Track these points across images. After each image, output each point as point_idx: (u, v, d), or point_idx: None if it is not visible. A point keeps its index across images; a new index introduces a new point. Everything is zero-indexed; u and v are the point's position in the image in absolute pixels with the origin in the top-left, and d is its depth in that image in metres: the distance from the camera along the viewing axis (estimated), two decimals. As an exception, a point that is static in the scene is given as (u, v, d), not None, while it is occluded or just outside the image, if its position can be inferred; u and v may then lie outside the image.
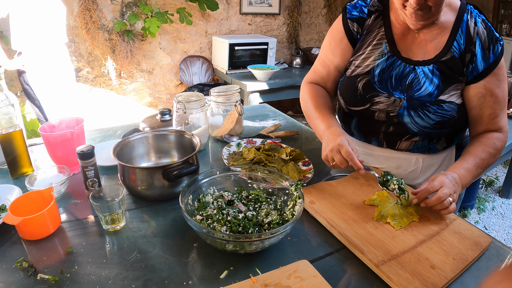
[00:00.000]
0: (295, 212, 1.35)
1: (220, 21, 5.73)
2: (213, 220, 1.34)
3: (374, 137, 1.85)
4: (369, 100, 1.75)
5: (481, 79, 1.64)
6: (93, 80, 5.10)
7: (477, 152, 1.66)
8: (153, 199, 1.58)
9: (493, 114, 1.68)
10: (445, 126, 1.69)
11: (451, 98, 1.66)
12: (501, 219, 4.45)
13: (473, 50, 1.62)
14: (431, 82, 1.66)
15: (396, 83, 1.72)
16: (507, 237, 4.14)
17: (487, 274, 1.29)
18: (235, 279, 1.17)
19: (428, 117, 1.66)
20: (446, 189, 1.46)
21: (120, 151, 1.64)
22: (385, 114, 1.74)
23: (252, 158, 1.78)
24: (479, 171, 1.64)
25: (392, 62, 1.73)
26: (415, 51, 1.72)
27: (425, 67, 1.68)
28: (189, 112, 1.95)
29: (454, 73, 1.65)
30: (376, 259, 1.26)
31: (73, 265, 1.22)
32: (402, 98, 1.70)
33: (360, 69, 1.78)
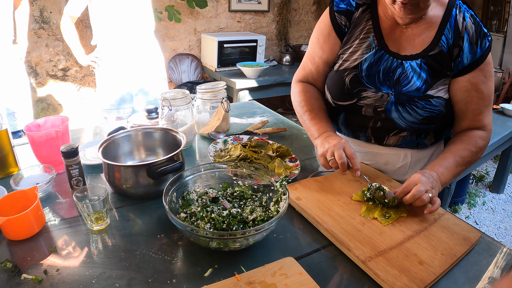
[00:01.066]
0: (280, 209, 1.34)
1: (209, 18, 5.72)
2: (197, 218, 1.32)
3: (362, 133, 1.84)
4: (357, 95, 1.74)
5: (467, 73, 1.63)
6: (81, 79, 5.07)
7: (457, 150, 1.65)
8: (139, 197, 1.56)
9: (477, 110, 1.67)
10: (433, 121, 1.68)
11: (439, 93, 1.65)
12: (491, 214, 4.47)
13: (461, 44, 1.61)
14: (419, 76, 1.65)
15: (383, 78, 1.71)
16: (497, 232, 4.15)
17: (477, 269, 1.29)
18: (220, 277, 1.16)
19: (416, 112, 1.65)
20: (422, 186, 1.46)
21: (105, 150, 1.63)
22: (372, 109, 1.73)
23: (238, 155, 1.76)
24: (459, 169, 1.63)
25: (380, 56, 1.71)
26: (403, 45, 1.70)
27: (413, 62, 1.66)
28: (175, 110, 1.93)
29: (442, 68, 1.64)
30: (363, 256, 1.25)
31: (57, 265, 1.20)
32: (389, 94, 1.69)
33: (347, 63, 1.77)
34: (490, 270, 1.29)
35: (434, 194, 1.47)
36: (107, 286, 1.13)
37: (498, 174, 4.84)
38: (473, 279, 1.24)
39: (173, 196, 1.39)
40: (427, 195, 1.44)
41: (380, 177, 1.73)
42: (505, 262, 1.33)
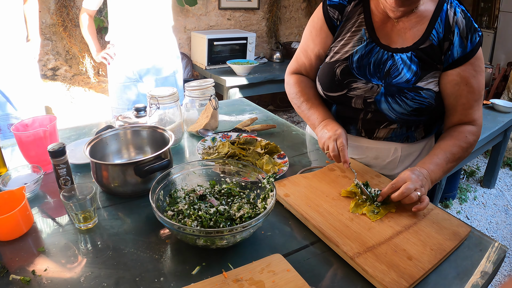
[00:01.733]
0: (267, 205, 1.34)
1: (199, 16, 5.71)
2: (184, 216, 1.32)
3: (353, 125, 1.85)
4: (347, 86, 1.75)
5: (457, 66, 1.64)
6: (71, 79, 5.05)
7: (447, 146, 1.66)
8: (127, 196, 1.56)
9: (467, 104, 1.68)
10: (423, 113, 1.69)
11: (429, 86, 1.66)
12: (482, 209, 4.48)
13: (451, 38, 1.62)
14: (409, 69, 1.66)
15: (374, 69, 1.72)
16: (489, 226, 4.17)
17: (467, 264, 1.30)
18: (208, 275, 1.16)
19: (406, 103, 1.66)
20: (411, 184, 1.46)
21: (93, 149, 1.62)
22: (362, 100, 1.74)
23: (226, 152, 1.76)
24: (450, 165, 1.64)
25: (371, 48, 1.73)
26: (394, 38, 1.72)
27: (403, 54, 1.68)
28: (163, 107, 1.92)
29: (433, 61, 1.65)
30: (351, 252, 1.25)
31: (46, 265, 1.20)
32: (379, 85, 1.70)
33: (338, 55, 1.78)
34: (482, 265, 1.29)
35: (423, 192, 1.48)
36: (95, 285, 1.13)
37: (488, 169, 4.86)
38: (463, 274, 1.25)
39: (160, 194, 1.38)
40: (415, 193, 1.44)
41: (369, 173, 1.74)
42: (497, 256, 1.34)
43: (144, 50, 3.37)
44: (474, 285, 1.21)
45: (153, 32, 3.38)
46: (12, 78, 2.88)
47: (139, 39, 3.32)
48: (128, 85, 3.44)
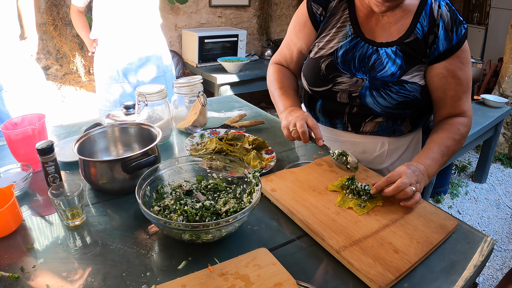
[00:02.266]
0: (253, 200, 1.34)
1: (190, 14, 5.70)
2: (170, 211, 1.32)
3: (339, 119, 1.85)
4: (332, 81, 1.76)
5: (443, 59, 1.65)
6: (62, 78, 5.03)
7: (441, 140, 1.66)
8: (115, 192, 1.56)
9: (455, 96, 1.69)
10: (408, 107, 1.70)
11: (413, 79, 1.67)
12: (474, 203, 4.50)
13: (436, 31, 1.63)
14: (394, 63, 1.68)
15: (359, 64, 1.73)
16: (480, 221, 4.19)
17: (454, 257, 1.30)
18: (194, 270, 1.16)
19: (391, 97, 1.67)
20: (406, 179, 1.45)
21: (81, 146, 1.62)
22: (347, 94, 1.75)
23: (214, 148, 1.76)
24: (445, 159, 1.64)
25: (356, 43, 1.74)
26: (378, 33, 1.73)
27: (388, 49, 1.69)
28: (151, 104, 1.93)
29: (417, 54, 1.67)
30: (337, 245, 1.25)
31: (34, 261, 1.20)
32: (364, 79, 1.72)
33: (323, 51, 1.80)
34: (475, 259, 1.30)
35: (418, 189, 1.48)
36: (82, 281, 1.13)
37: (480, 164, 4.88)
38: (450, 267, 1.26)
39: (147, 190, 1.39)
40: (410, 188, 1.44)
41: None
42: (488, 250, 1.35)
43: (130, 49, 3.34)
44: (463, 278, 1.22)
45: (140, 31, 3.35)
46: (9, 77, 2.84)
47: (124, 37, 3.29)
48: (112, 86, 3.41)
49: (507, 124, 5.47)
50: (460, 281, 1.21)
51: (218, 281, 1.09)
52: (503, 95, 5.37)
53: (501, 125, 4.60)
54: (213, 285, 1.08)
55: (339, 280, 1.18)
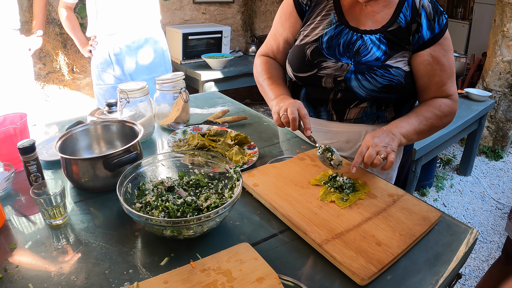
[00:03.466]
0: (234, 194, 1.34)
1: (173, 11, 5.68)
2: (151, 207, 1.32)
3: (323, 107, 1.87)
4: (317, 66, 1.78)
5: (427, 47, 1.71)
6: (45, 77, 5.00)
7: (420, 111, 1.74)
8: (98, 190, 1.55)
9: (440, 82, 1.74)
10: (392, 91, 1.73)
11: (397, 64, 1.71)
12: (459, 196, 4.54)
13: (418, 20, 1.69)
14: (379, 48, 1.72)
15: (343, 49, 1.77)
16: (466, 213, 4.22)
17: (437, 249, 1.31)
18: (176, 266, 1.15)
19: (376, 80, 1.70)
20: (372, 150, 1.53)
21: (63, 145, 1.61)
22: (332, 79, 1.77)
23: (196, 144, 1.76)
24: (422, 127, 1.70)
25: (340, 30, 1.78)
26: (362, 21, 1.77)
27: (372, 36, 1.74)
28: (133, 101, 1.92)
29: (401, 41, 1.72)
30: (320, 239, 1.26)
31: (17, 261, 1.19)
32: (349, 63, 1.74)
33: (308, 38, 1.83)
34: (459, 250, 1.31)
35: (389, 151, 1.53)
36: (65, 280, 1.13)
37: (464, 157, 4.92)
38: (433, 258, 1.27)
39: (128, 187, 1.38)
40: (378, 158, 1.50)
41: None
42: (472, 241, 1.36)
43: (133, 46, 3.32)
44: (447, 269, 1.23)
45: (140, 27, 3.34)
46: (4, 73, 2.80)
47: (126, 34, 3.27)
48: (115, 88, 3.36)
49: (491, 117, 5.51)
50: (443, 272, 1.21)
51: (200, 277, 1.09)
52: (487, 89, 5.41)
53: (485, 119, 4.64)
54: (195, 281, 1.08)
55: (322, 273, 1.19)
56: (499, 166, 5.32)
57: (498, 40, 5.20)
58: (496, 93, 5.36)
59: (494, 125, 5.53)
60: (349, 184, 1.52)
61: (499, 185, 4.83)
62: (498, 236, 3.91)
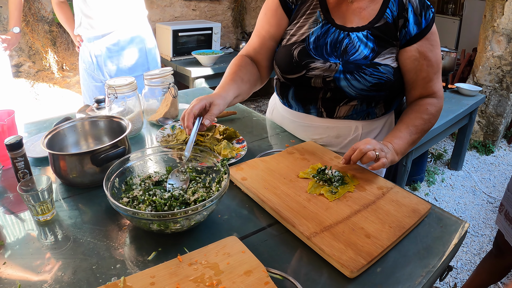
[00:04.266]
0: (221, 188, 1.33)
1: (164, 7, 5.66)
2: (138, 202, 1.31)
3: (313, 105, 1.86)
4: (305, 67, 1.76)
5: (414, 42, 1.70)
6: (35, 75, 4.98)
7: (409, 120, 1.72)
8: (86, 186, 1.54)
9: (427, 77, 1.74)
10: (382, 88, 1.72)
11: (386, 61, 1.70)
12: (450, 190, 4.56)
13: (405, 15, 1.68)
14: (366, 46, 1.71)
15: (331, 49, 1.75)
16: (457, 207, 4.24)
17: (427, 241, 1.31)
18: (164, 260, 1.15)
19: (365, 79, 1.69)
20: (369, 145, 1.52)
21: (51, 141, 1.60)
22: (321, 79, 1.76)
23: (184, 139, 1.75)
24: (414, 137, 1.69)
25: (327, 29, 1.76)
26: (349, 18, 1.75)
27: (359, 33, 1.72)
28: (121, 97, 1.91)
29: (388, 38, 1.71)
30: (308, 231, 1.25)
31: (4, 259, 1.19)
32: (337, 63, 1.72)
33: (295, 38, 1.80)
34: (449, 243, 1.31)
35: (383, 155, 1.53)
36: (53, 276, 1.12)
37: (455, 151, 4.95)
38: (423, 250, 1.27)
39: (116, 181, 1.37)
40: (373, 152, 1.50)
41: (328, 154, 1.75)
42: (462, 233, 1.37)
43: (115, 48, 3.30)
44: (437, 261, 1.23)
45: (125, 27, 3.31)
46: None
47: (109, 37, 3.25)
48: (100, 86, 3.37)
49: (482, 112, 5.53)
50: (434, 264, 1.22)
51: (187, 271, 1.08)
52: (477, 84, 5.43)
53: (475, 113, 4.65)
54: (182, 275, 1.07)
55: (311, 266, 1.19)
56: (490, 160, 5.34)
57: (488, 35, 5.22)
58: (487, 88, 5.38)
59: (484, 119, 5.55)
60: (338, 177, 1.52)
61: (490, 179, 4.85)
62: (489, 229, 3.93)
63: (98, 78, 3.39)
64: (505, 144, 5.83)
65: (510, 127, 6.02)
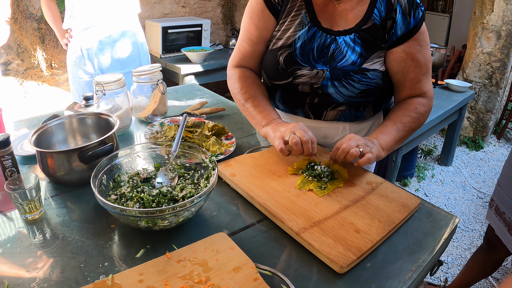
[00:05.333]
0: (209, 184, 1.32)
1: (153, 4, 5.63)
2: (126, 199, 1.31)
3: (300, 109, 1.84)
4: (292, 74, 1.73)
5: (401, 43, 1.65)
6: (24, 73, 4.94)
7: (397, 117, 1.69)
8: (74, 184, 1.53)
9: (415, 79, 1.70)
10: (370, 94, 1.70)
11: (374, 66, 1.66)
12: (441, 186, 4.57)
13: (394, 16, 1.63)
14: (353, 51, 1.66)
15: (318, 55, 1.70)
16: (447, 202, 4.25)
17: (417, 236, 1.32)
18: (152, 257, 1.14)
19: (353, 86, 1.66)
20: (352, 142, 1.50)
21: (39, 139, 1.58)
22: (308, 86, 1.73)
23: (173, 135, 1.75)
24: (400, 134, 1.66)
25: (313, 33, 1.70)
26: (336, 21, 1.70)
27: (347, 37, 1.67)
28: (109, 94, 1.90)
29: (376, 41, 1.66)
30: (297, 227, 1.25)
31: (-8, 258, 1.18)
32: (325, 70, 1.69)
33: (281, 42, 1.75)
34: (439, 237, 1.32)
35: (367, 150, 1.50)
36: (41, 275, 1.11)
37: (445, 147, 4.96)
38: (413, 245, 1.27)
39: (103, 179, 1.37)
40: (356, 149, 1.47)
41: (318, 151, 1.73)
42: (452, 227, 1.37)
43: (107, 43, 3.29)
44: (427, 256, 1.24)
45: (117, 21, 3.30)
46: None
47: (101, 28, 3.24)
48: (90, 82, 3.35)
49: (471, 108, 5.55)
50: (424, 259, 1.22)
51: (175, 268, 1.08)
52: (467, 80, 5.46)
53: (465, 109, 4.67)
54: (171, 272, 1.07)
55: (300, 262, 1.18)
56: (479, 156, 5.36)
57: (478, 32, 5.24)
58: (476, 84, 5.40)
59: (474, 115, 5.57)
60: (328, 173, 1.51)
61: (480, 175, 4.87)
62: (479, 224, 3.95)
63: (88, 72, 3.37)
64: (495, 139, 5.86)
65: (499, 123, 6.05)
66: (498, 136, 5.85)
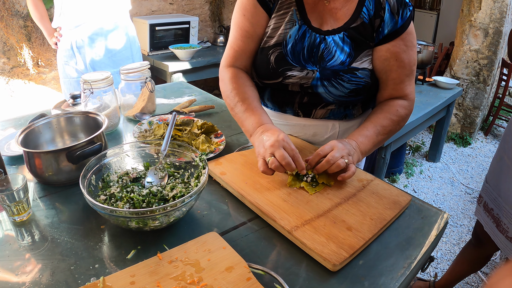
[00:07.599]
0: (200, 183, 1.32)
1: (140, 1, 5.61)
2: (116, 199, 1.30)
3: (289, 107, 1.83)
4: (282, 74, 1.72)
5: (387, 42, 1.64)
6: (10, 71, 4.90)
7: (377, 120, 1.67)
8: (62, 184, 1.52)
9: (397, 79, 1.69)
10: (360, 93, 1.70)
11: (363, 65, 1.66)
12: (429, 182, 4.60)
13: (382, 15, 1.62)
14: (342, 50, 1.65)
15: (308, 54, 1.69)
16: (436, 198, 4.28)
17: (408, 232, 1.32)
18: (143, 258, 1.13)
19: (342, 86, 1.66)
20: (337, 152, 1.46)
21: (26, 138, 1.56)
22: (298, 86, 1.72)
23: (162, 134, 1.74)
24: (380, 138, 1.65)
25: (303, 32, 1.69)
26: (325, 19, 1.69)
27: (336, 36, 1.66)
28: (97, 92, 1.88)
29: (365, 39, 1.65)
30: (289, 225, 1.25)
31: (-20, 262, 1.16)
32: (314, 70, 1.68)
33: (273, 40, 1.73)
34: (430, 233, 1.32)
35: (351, 161, 1.48)
36: (30, 278, 1.10)
37: (433, 143, 5.00)
38: (405, 242, 1.28)
39: (92, 179, 1.35)
40: (342, 161, 1.45)
41: (307, 148, 1.74)
42: (443, 224, 1.37)
43: (97, 38, 3.27)
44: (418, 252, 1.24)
45: (108, 18, 3.28)
46: None
47: (91, 25, 3.22)
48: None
49: (459, 105, 5.59)
50: (416, 255, 1.22)
51: (167, 268, 1.07)
52: (455, 77, 5.49)
53: (453, 106, 4.70)
54: (163, 273, 1.06)
55: (293, 260, 1.18)
56: (467, 152, 5.40)
57: (465, 29, 5.27)
58: (464, 81, 5.44)
59: (462, 112, 5.61)
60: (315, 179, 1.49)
61: (467, 171, 4.91)
62: (468, 220, 3.98)
63: (79, 71, 3.35)
64: (482, 136, 5.91)
65: (486, 119, 6.09)
66: (486, 133, 5.90)
